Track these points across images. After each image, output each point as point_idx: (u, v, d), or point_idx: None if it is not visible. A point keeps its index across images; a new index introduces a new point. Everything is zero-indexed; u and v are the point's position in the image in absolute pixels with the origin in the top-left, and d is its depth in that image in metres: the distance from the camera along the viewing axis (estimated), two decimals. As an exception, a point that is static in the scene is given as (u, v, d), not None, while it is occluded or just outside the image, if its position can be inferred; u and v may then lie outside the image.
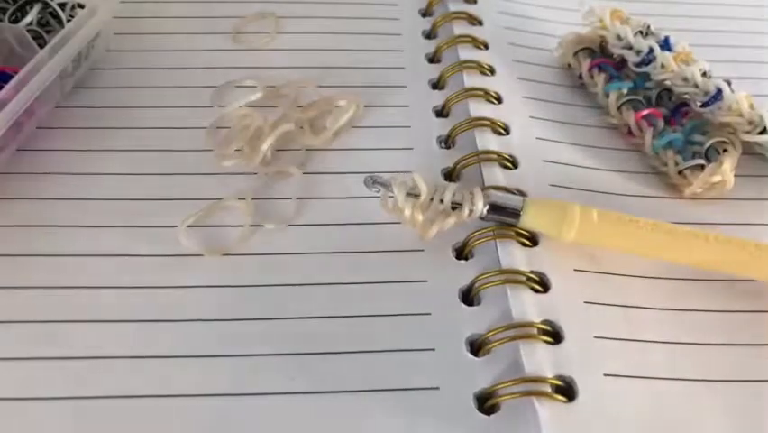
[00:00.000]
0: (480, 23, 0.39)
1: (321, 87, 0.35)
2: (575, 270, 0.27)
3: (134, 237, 0.28)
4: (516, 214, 0.27)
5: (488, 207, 0.27)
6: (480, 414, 0.23)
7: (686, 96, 0.33)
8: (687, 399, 0.24)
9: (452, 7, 0.39)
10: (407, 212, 0.27)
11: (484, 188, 0.29)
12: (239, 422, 0.23)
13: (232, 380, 0.24)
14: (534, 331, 0.25)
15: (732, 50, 0.40)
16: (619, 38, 0.35)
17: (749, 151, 0.32)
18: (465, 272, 0.27)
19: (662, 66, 0.33)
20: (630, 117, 0.33)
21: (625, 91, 0.34)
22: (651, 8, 0.42)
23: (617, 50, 0.35)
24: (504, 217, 0.27)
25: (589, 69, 0.35)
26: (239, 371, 0.25)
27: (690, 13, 0.42)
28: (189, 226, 0.29)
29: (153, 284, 0.27)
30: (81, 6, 0.34)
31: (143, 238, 0.28)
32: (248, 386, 0.24)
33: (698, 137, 0.32)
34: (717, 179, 0.30)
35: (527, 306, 0.26)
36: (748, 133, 0.31)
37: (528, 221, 0.27)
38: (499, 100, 0.34)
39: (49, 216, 0.29)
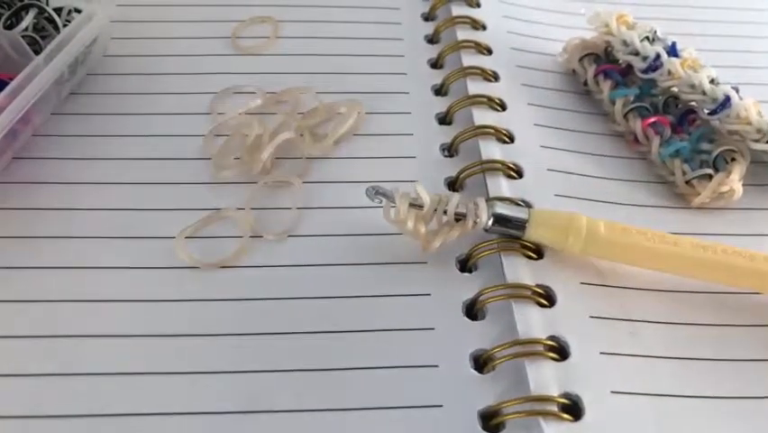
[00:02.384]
0: (484, 27, 0.38)
1: (321, 93, 0.34)
2: (581, 283, 0.27)
3: (130, 249, 0.28)
4: (521, 226, 0.27)
5: (492, 218, 0.27)
6: (485, 433, 0.23)
7: (693, 103, 0.33)
8: (696, 417, 0.24)
9: (455, 11, 0.38)
10: (410, 224, 0.27)
11: (488, 200, 0.28)
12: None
13: (234, 397, 0.24)
14: (540, 348, 0.24)
15: (739, 54, 0.39)
16: (625, 44, 0.34)
17: (757, 159, 0.32)
18: (469, 286, 0.27)
19: (670, 72, 0.33)
20: (636, 125, 0.33)
21: (631, 98, 0.34)
22: (655, 12, 0.41)
23: (623, 56, 0.34)
24: (509, 229, 0.27)
25: (595, 76, 0.35)
26: (242, 388, 0.24)
27: (696, 18, 0.41)
28: (187, 238, 0.28)
29: (149, 298, 0.26)
30: (78, 11, 0.34)
31: (139, 250, 0.28)
32: (251, 404, 0.24)
33: (705, 146, 0.32)
34: (725, 188, 0.30)
35: (533, 321, 0.25)
36: (757, 141, 0.31)
37: (534, 233, 0.27)
38: (503, 107, 0.34)
39: (44, 227, 0.28)
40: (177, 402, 0.24)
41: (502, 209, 0.27)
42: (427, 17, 0.40)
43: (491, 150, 0.31)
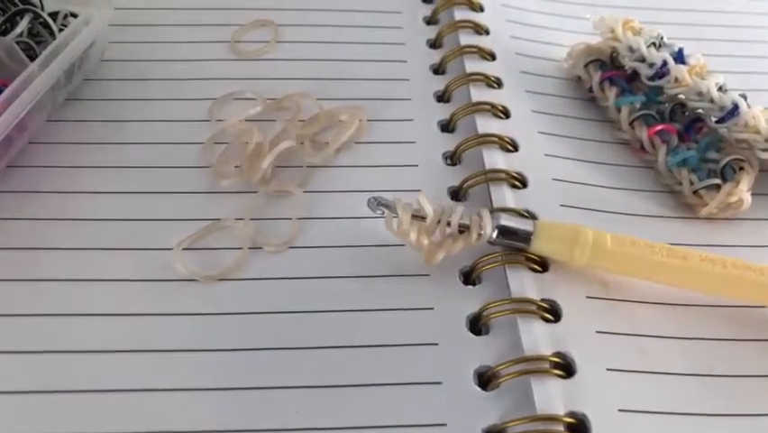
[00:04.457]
0: (487, 32, 0.37)
1: (322, 99, 0.33)
2: (587, 297, 0.26)
3: (126, 260, 0.27)
4: (526, 238, 0.26)
5: (497, 230, 0.26)
6: (490, 453, 0.22)
7: (701, 111, 0.32)
8: (706, 436, 0.23)
9: (458, 15, 0.38)
10: (413, 235, 0.26)
11: (492, 211, 0.27)
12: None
13: (233, 414, 0.23)
14: (546, 365, 0.24)
15: (746, 60, 0.38)
16: (631, 50, 0.34)
17: (766, 168, 0.31)
18: (473, 299, 0.26)
19: (677, 80, 0.32)
20: (643, 133, 0.32)
21: (637, 105, 0.33)
22: (662, 16, 0.40)
23: (628, 63, 0.34)
24: (513, 242, 0.26)
25: (600, 82, 0.34)
26: (239, 405, 0.23)
27: (703, 22, 0.41)
28: (185, 249, 0.27)
29: (146, 311, 0.26)
30: (74, 16, 0.33)
31: (136, 261, 0.27)
32: (250, 421, 0.23)
33: (713, 154, 0.31)
34: (733, 198, 0.29)
35: (538, 337, 0.24)
36: (765, 150, 0.30)
37: (539, 246, 0.26)
38: (507, 114, 0.33)
39: (39, 238, 0.28)
40: (174, 419, 0.23)
41: (507, 221, 0.26)
42: (429, 21, 0.39)
43: (495, 159, 0.31)
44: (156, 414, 0.23)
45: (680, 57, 0.33)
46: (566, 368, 0.24)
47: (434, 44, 0.38)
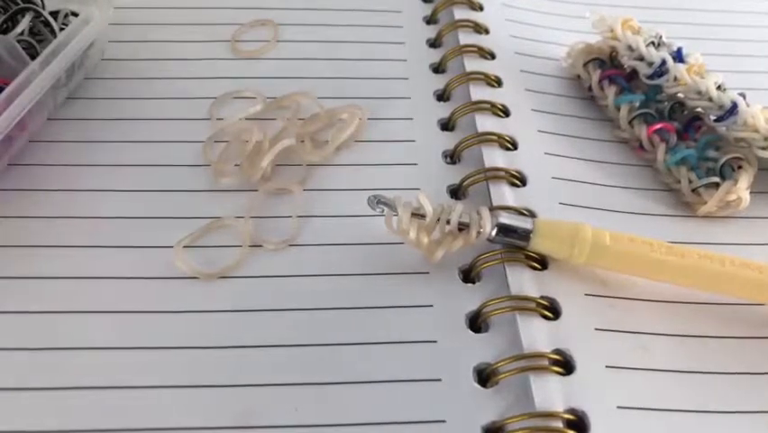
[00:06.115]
0: (487, 31, 0.37)
1: (322, 98, 0.34)
2: (586, 294, 0.26)
3: (127, 258, 0.27)
4: (525, 236, 0.26)
5: (496, 228, 0.26)
6: (489, 449, 0.23)
7: (700, 109, 0.32)
8: (705, 432, 0.23)
9: (458, 15, 0.38)
10: (413, 234, 0.26)
11: (492, 209, 0.28)
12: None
13: (232, 411, 0.23)
14: (545, 362, 0.24)
15: (745, 59, 0.39)
16: (630, 49, 0.34)
17: (764, 167, 0.31)
18: (472, 297, 0.26)
19: (676, 79, 0.32)
20: (642, 131, 0.32)
21: (636, 104, 0.33)
22: (660, 16, 0.41)
23: (628, 62, 0.34)
24: (513, 240, 0.26)
25: (600, 81, 0.34)
26: (240, 401, 0.24)
27: (702, 22, 0.41)
28: (185, 247, 0.28)
29: (147, 309, 0.26)
30: (75, 14, 0.33)
31: (136, 259, 0.27)
32: (249, 418, 0.23)
33: (712, 153, 0.31)
34: (732, 197, 0.29)
35: (537, 334, 0.25)
36: (764, 149, 0.30)
37: (538, 244, 0.26)
38: (506, 113, 0.33)
39: (40, 236, 0.28)
40: (173, 416, 0.23)
41: (506, 219, 0.26)
42: (429, 20, 0.39)
43: (494, 157, 0.31)
44: (155, 411, 0.23)
45: (678, 56, 0.33)
46: (565, 365, 0.24)
47: (434, 43, 0.38)
